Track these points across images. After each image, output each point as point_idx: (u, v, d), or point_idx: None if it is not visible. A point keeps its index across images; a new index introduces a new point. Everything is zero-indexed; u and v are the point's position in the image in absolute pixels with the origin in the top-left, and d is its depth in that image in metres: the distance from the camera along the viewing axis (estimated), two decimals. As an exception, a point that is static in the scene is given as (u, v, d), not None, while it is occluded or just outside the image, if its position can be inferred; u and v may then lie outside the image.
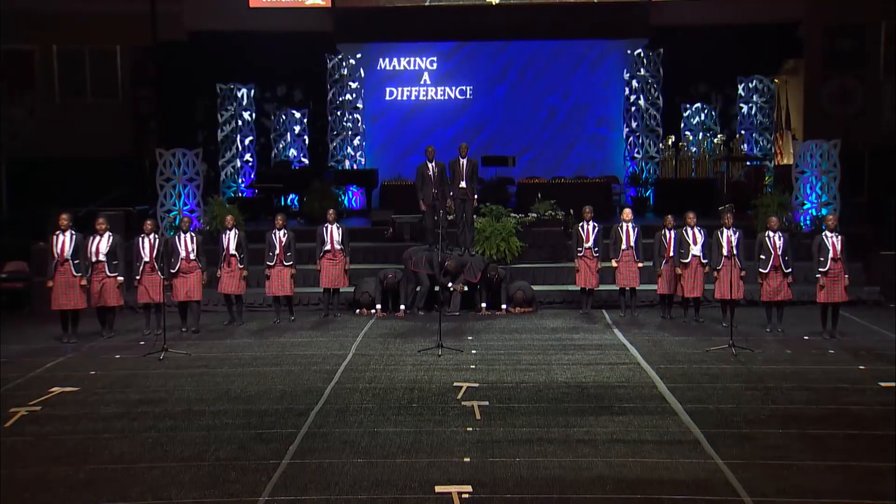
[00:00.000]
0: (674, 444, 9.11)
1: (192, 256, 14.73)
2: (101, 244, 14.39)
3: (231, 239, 15.27)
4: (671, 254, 15.09)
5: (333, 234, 15.83)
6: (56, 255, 14.09)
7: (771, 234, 14.28)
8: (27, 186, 21.63)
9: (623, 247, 15.51)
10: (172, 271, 14.63)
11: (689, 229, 14.94)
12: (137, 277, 14.61)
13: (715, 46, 22.53)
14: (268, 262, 15.48)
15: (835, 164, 18.88)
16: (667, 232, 15.21)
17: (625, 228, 15.55)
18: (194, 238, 14.93)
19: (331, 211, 16.31)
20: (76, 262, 14.13)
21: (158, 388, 11.46)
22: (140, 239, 14.64)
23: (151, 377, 11.98)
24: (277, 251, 15.40)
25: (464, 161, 16.55)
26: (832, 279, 13.82)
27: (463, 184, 16.44)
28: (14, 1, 21.58)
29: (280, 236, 15.46)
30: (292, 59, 23.38)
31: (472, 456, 8.79)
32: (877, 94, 22.25)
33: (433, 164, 16.67)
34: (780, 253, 14.16)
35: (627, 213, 15.90)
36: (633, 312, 15.67)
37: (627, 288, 15.70)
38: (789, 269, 14.20)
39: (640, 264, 15.53)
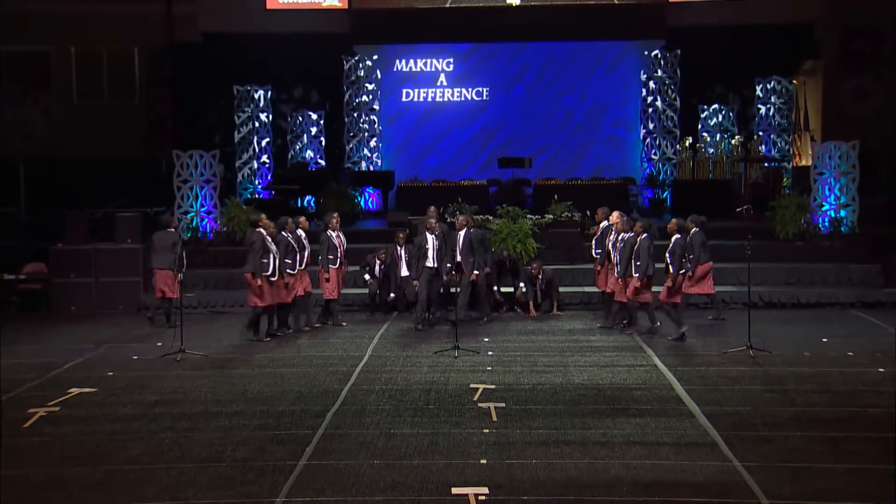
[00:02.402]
0: (691, 446, 9.09)
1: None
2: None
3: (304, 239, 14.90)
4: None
5: (343, 240, 15.38)
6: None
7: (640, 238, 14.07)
8: (44, 188, 21.73)
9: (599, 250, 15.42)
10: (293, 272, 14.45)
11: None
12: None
13: (732, 47, 22.43)
14: (330, 265, 15.05)
15: (854, 165, 18.80)
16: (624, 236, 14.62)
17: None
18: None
19: (335, 216, 15.48)
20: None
21: (176, 389, 11.52)
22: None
23: (169, 378, 12.04)
24: (339, 252, 15.13)
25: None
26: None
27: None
28: (31, 2, 21.70)
29: (337, 237, 15.16)
30: (309, 61, 23.40)
31: (488, 458, 8.79)
32: (894, 94, 22.11)
33: (433, 235, 15.12)
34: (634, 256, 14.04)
35: (613, 216, 15.18)
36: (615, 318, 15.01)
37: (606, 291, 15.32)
38: (636, 273, 13.92)
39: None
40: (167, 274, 15.07)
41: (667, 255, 13.83)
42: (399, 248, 15.93)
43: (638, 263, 13.94)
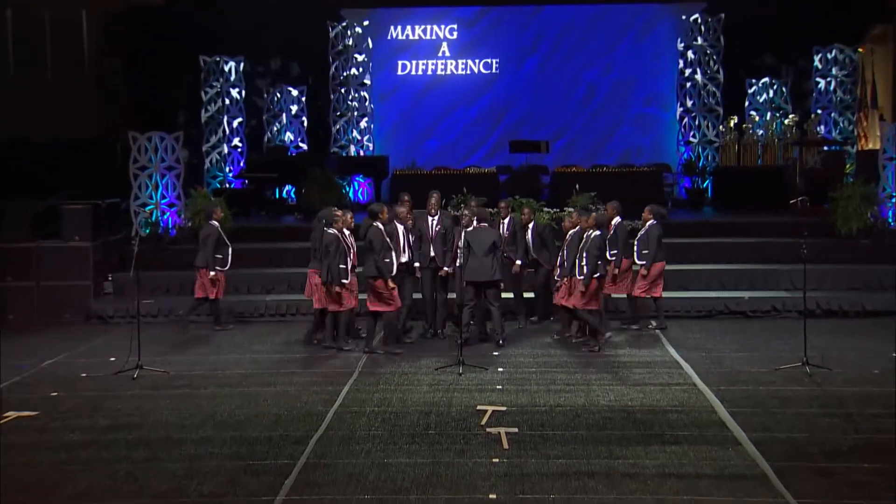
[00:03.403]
0: (736, 479, 9.09)
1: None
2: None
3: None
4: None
5: (352, 241, 14.75)
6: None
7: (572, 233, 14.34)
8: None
9: None
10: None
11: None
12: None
13: (786, 10, 22.46)
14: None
15: (930, 149, 18.83)
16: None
17: None
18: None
19: (349, 213, 14.85)
20: None
21: (132, 411, 11.51)
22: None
23: (124, 399, 12.03)
24: (352, 255, 14.63)
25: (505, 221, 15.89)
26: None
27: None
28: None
29: (351, 236, 14.78)
30: (289, 27, 23.45)
31: (498, 492, 8.79)
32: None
33: (436, 217, 15.08)
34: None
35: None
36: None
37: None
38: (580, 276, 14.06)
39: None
40: (203, 273, 15.78)
41: (583, 253, 13.82)
42: (431, 217, 15.06)
43: (583, 263, 14.05)
